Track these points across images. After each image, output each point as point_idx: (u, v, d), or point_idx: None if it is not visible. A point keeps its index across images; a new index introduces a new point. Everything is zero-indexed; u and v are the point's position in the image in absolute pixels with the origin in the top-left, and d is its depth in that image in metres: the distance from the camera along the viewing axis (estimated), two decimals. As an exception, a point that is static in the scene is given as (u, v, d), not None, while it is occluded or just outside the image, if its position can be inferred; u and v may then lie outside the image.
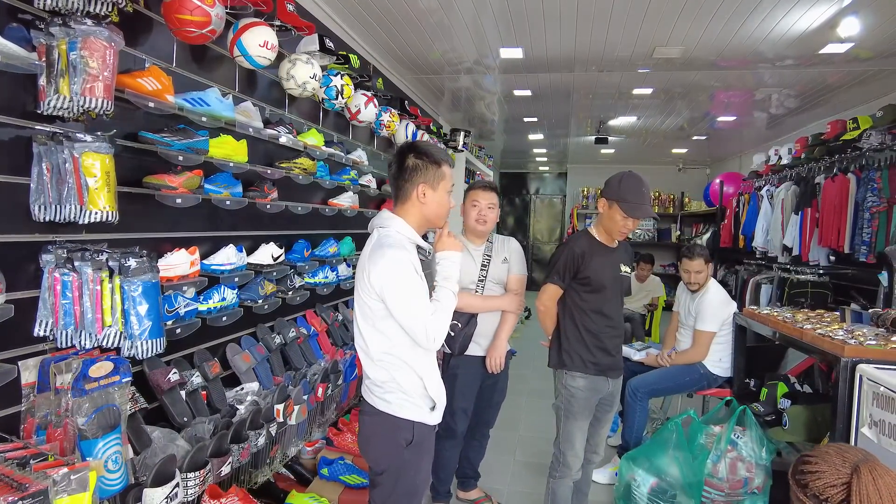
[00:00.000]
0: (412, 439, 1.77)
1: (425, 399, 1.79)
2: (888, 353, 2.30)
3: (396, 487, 1.78)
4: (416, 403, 1.78)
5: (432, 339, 1.69)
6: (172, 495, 1.65)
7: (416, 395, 1.77)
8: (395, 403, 1.77)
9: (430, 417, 1.80)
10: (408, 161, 1.78)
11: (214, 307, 2.23)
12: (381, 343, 1.74)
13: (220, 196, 2.27)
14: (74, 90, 1.52)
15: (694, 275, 3.48)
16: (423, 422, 1.79)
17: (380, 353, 1.75)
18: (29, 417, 1.58)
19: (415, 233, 1.81)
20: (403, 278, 1.66)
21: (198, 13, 1.93)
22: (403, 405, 1.77)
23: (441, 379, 1.87)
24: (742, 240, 6.16)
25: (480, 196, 2.71)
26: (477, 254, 2.73)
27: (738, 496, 2.59)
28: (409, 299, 1.67)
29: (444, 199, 1.83)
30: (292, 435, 2.57)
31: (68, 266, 1.61)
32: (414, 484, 1.81)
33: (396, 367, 1.75)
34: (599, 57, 4.34)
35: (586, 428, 2.47)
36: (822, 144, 4.83)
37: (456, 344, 2.60)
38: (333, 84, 3.06)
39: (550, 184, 12.70)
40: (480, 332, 2.67)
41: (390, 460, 1.78)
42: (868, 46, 3.83)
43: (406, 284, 1.67)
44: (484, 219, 2.70)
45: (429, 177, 1.78)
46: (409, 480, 1.79)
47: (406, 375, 1.76)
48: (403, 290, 1.67)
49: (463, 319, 2.57)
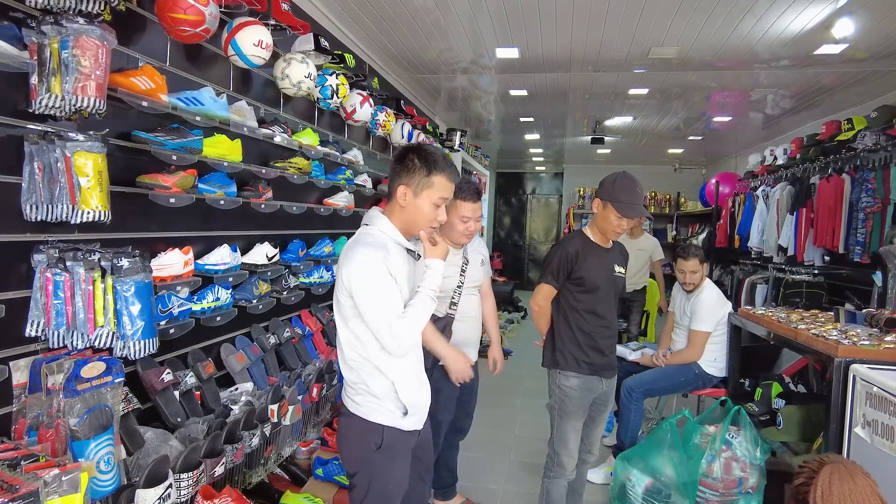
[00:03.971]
0: (381, 443, 1.72)
1: (396, 404, 1.73)
2: (881, 354, 2.31)
3: (369, 491, 1.74)
4: (386, 408, 1.73)
5: (397, 344, 1.64)
6: (165, 496, 1.64)
7: (386, 399, 1.73)
8: (365, 406, 1.74)
9: (403, 423, 1.75)
10: (403, 160, 1.76)
11: (208, 307, 2.22)
12: (353, 344, 1.72)
13: (215, 196, 2.26)
14: (66, 89, 1.51)
15: (689, 275, 3.49)
16: (396, 427, 1.74)
17: (351, 354, 1.73)
18: (20, 418, 1.57)
19: (398, 233, 1.78)
20: (371, 277, 1.63)
21: (191, 12, 1.92)
22: (373, 409, 1.73)
23: (422, 384, 1.85)
24: (738, 240, 6.18)
25: (469, 210, 2.47)
26: (456, 258, 2.55)
27: (733, 496, 2.59)
28: (375, 299, 1.63)
29: (426, 208, 1.74)
30: (287, 435, 2.57)
31: (60, 266, 1.60)
32: (386, 489, 1.75)
33: (366, 371, 1.72)
34: (595, 57, 4.35)
35: (580, 428, 2.47)
36: (817, 145, 4.85)
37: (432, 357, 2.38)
38: (329, 83, 3.05)
39: (547, 184, 12.71)
40: (458, 340, 2.52)
41: (360, 463, 1.76)
42: (863, 47, 3.84)
43: (373, 283, 1.63)
44: (471, 234, 2.54)
45: (413, 181, 1.72)
46: (382, 485, 1.74)
47: (376, 379, 1.72)
48: (370, 288, 1.63)
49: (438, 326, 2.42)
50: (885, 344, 2.38)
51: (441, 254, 1.82)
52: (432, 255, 1.80)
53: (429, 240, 1.81)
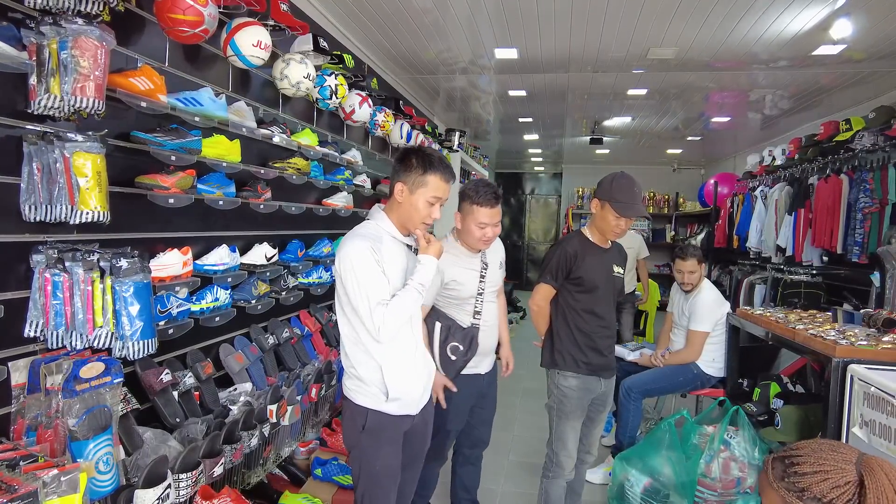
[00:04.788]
0: (365, 425, 1.84)
1: (381, 388, 1.83)
2: (879, 354, 2.31)
3: (361, 471, 1.88)
4: (370, 392, 1.84)
5: (377, 329, 1.73)
6: (164, 496, 1.65)
7: (371, 383, 1.83)
8: (353, 389, 1.88)
9: (387, 407, 1.84)
10: (403, 160, 1.86)
11: (207, 307, 2.22)
12: (346, 328, 1.85)
13: (213, 196, 2.26)
14: (65, 90, 1.51)
15: (687, 275, 3.50)
16: (380, 410, 1.84)
17: (345, 338, 1.86)
18: (19, 419, 1.57)
19: (395, 229, 1.89)
20: (357, 264, 1.74)
21: (190, 13, 1.92)
22: (359, 392, 1.86)
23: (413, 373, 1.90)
24: (736, 240, 6.19)
25: (486, 216, 2.28)
26: (474, 262, 2.43)
27: (731, 496, 2.59)
28: (359, 285, 1.74)
29: (419, 206, 1.84)
30: (286, 435, 2.57)
31: (59, 266, 1.60)
32: (374, 470, 1.86)
33: (357, 356, 1.84)
34: (594, 57, 4.35)
35: (579, 428, 2.47)
36: (816, 145, 4.86)
37: (455, 368, 2.36)
38: (327, 84, 3.05)
39: (546, 184, 12.72)
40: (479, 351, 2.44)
41: (351, 442, 1.90)
42: (860, 48, 3.85)
43: (358, 270, 1.74)
44: (489, 240, 2.37)
45: (409, 179, 1.83)
46: (369, 466, 1.86)
47: (364, 364, 1.83)
48: (356, 275, 1.74)
49: (465, 343, 2.35)
50: (883, 344, 2.38)
51: (435, 251, 1.88)
52: (428, 253, 1.87)
53: (424, 238, 1.89)
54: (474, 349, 2.38)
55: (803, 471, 1.04)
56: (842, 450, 1.05)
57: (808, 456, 1.05)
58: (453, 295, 2.39)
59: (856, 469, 1.00)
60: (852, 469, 1.00)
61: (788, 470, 1.06)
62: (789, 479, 1.05)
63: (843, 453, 1.04)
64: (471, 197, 2.29)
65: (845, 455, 1.03)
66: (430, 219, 1.87)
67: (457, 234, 2.44)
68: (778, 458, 1.09)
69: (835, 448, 1.06)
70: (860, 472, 0.99)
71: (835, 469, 1.01)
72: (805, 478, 1.03)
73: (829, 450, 1.05)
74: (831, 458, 1.03)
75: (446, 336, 2.35)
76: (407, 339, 1.91)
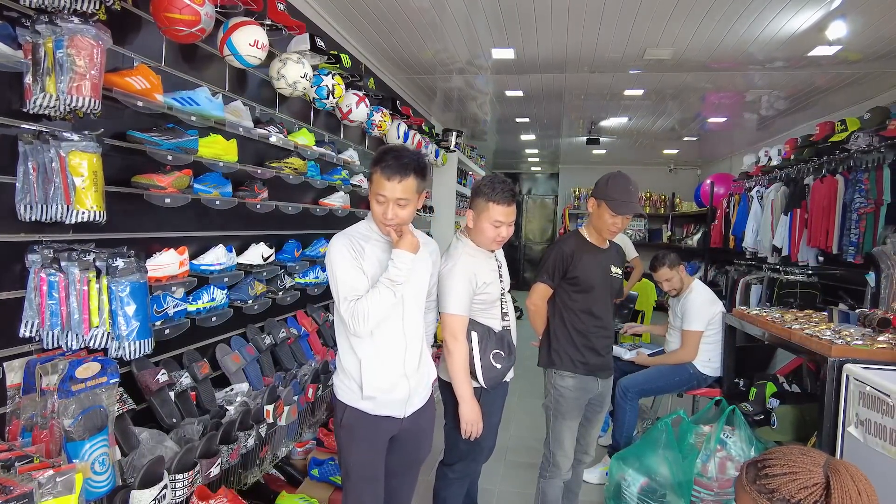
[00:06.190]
0: (342, 420, 1.89)
1: (358, 383, 1.85)
2: (874, 353, 2.32)
3: (341, 461, 1.94)
4: (350, 387, 1.88)
5: (347, 322, 1.77)
6: (160, 497, 1.64)
7: (351, 377, 1.87)
8: (337, 384, 1.93)
9: (362, 405, 1.86)
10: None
11: (204, 307, 2.22)
12: (337, 323, 1.90)
13: (210, 196, 2.26)
14: (61, 89, 1.51)
15: (665, 283, 3.57)
16: (356, 407, 1.87)
17: (337, 334, 1.93)
18: (14, 419, 1.57)
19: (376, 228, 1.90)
20: (335, 259, 1.80)
21: (187, 12, 1.92)
22: (340, 387, 1.92)
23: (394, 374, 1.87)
24: (732, 240, 6.20)
25: (501, 214, 2.14)
26: (490, 262, 2.29)
27: (728, 495, 2.60)
28: (335, 279, 1.80)
29: (373, 204, 1.83)
30: (282, 436, 2.56)
31: (55, 266, 1.59)
32: (347, 463, 1.90)
33: (343, 350, 1.90)
34: (591, 58, 4.36)
35: (576, 428, 2.47)
36: (811, 146, 4.88)
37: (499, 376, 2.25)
38: (324, 83, 3.05)
39: (542, 184, 12.73)
40: None
41: (334, 434, 1.98)
42: (856, 49, 3.86)
43: (336, 264, 1.80)
44: (502, 240, 2.23)
45: (370, 177, 1.85)
46: (344, 462, 1.92)
47: (348, 357, 1.88)
48: (332, 269, 1.81)
49: (504, 348, 2.23)
50: (878, 344, 2.39)
51: (407, 245, 1.81)
52: (398, 247, 1.81)
53: (395, 231, 1.83)
54: (514, 353, 2.28)
55: (773, 472, 1.07)
56: (811, 454, 1.09)
57: (778, 459, 1.09)
58: (484, 299, 2.22)
59: (823, 471, 1.04)
60: (820, 471, 1.04)
61: (760, 473, 1.09)
62: (760, 482, 1.08)
63: (812, 457, 1.08)
64: (486, 193, 2.15)
65: (814, 458, 1.07)
66: (384, 217, 1.80)
67: (468, 233, 2.28)
68: (751, 463, 1.13)
69: (805, 452, 1.10)
70: (827, 474, 1.03)
71: (803, 471, 1.05)
72: (775, 479, 1.06)
73: (798, 454, 1.09)
74: (800, 461, 1.07)
75: (486, 344, 2.20)
76: (393, 338, 1.87)
